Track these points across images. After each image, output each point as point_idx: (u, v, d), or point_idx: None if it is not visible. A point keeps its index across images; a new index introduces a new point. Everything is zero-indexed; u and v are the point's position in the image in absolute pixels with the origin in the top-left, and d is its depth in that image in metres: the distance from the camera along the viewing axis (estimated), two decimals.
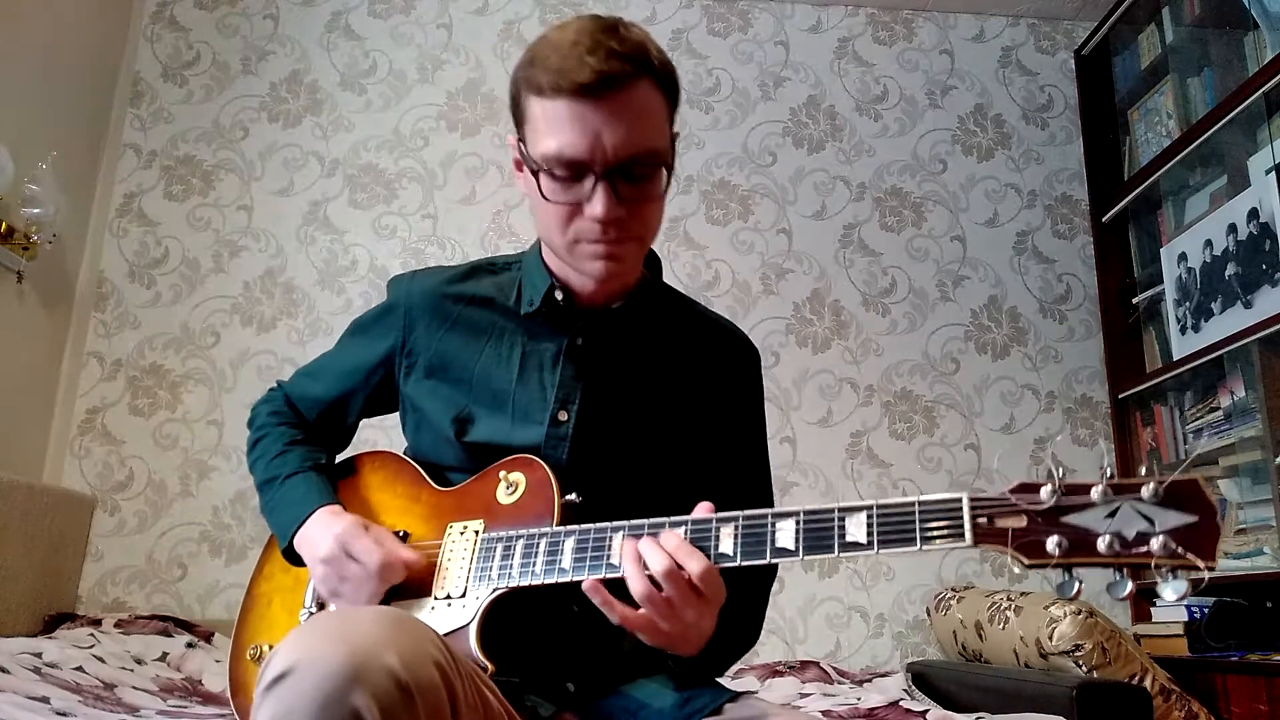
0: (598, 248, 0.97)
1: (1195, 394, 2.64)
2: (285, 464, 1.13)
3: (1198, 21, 2.69)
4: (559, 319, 1.08)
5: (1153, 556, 0.71)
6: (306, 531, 1.05)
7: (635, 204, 0.96)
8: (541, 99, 0.94)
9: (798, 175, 3.11)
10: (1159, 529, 0.71)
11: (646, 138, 0.95)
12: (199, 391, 2.78)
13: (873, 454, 2.88)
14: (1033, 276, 3.08)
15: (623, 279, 1.06)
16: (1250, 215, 2.33)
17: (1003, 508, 0.76)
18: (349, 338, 1.22)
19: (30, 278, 2.53)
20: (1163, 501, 0.72)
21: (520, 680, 0.97)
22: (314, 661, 0.67)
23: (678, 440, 1.08)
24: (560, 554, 0.92)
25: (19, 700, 1.51)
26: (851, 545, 0.80)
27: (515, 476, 1.01)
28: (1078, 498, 0.74)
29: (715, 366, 1.13)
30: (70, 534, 2.54)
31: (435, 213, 2.99)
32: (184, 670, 2.09)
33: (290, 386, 1.24)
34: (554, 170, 0.94)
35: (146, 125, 2.98)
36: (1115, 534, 0.72)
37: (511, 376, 1.07)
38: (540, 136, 0.95)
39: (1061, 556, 0.73)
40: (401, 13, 3.15)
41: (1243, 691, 2.08)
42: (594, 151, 0.92)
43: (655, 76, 0.96)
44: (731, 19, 3.23)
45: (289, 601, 1.11)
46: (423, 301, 1.13)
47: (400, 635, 0.71)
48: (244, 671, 1.08)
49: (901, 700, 2.00)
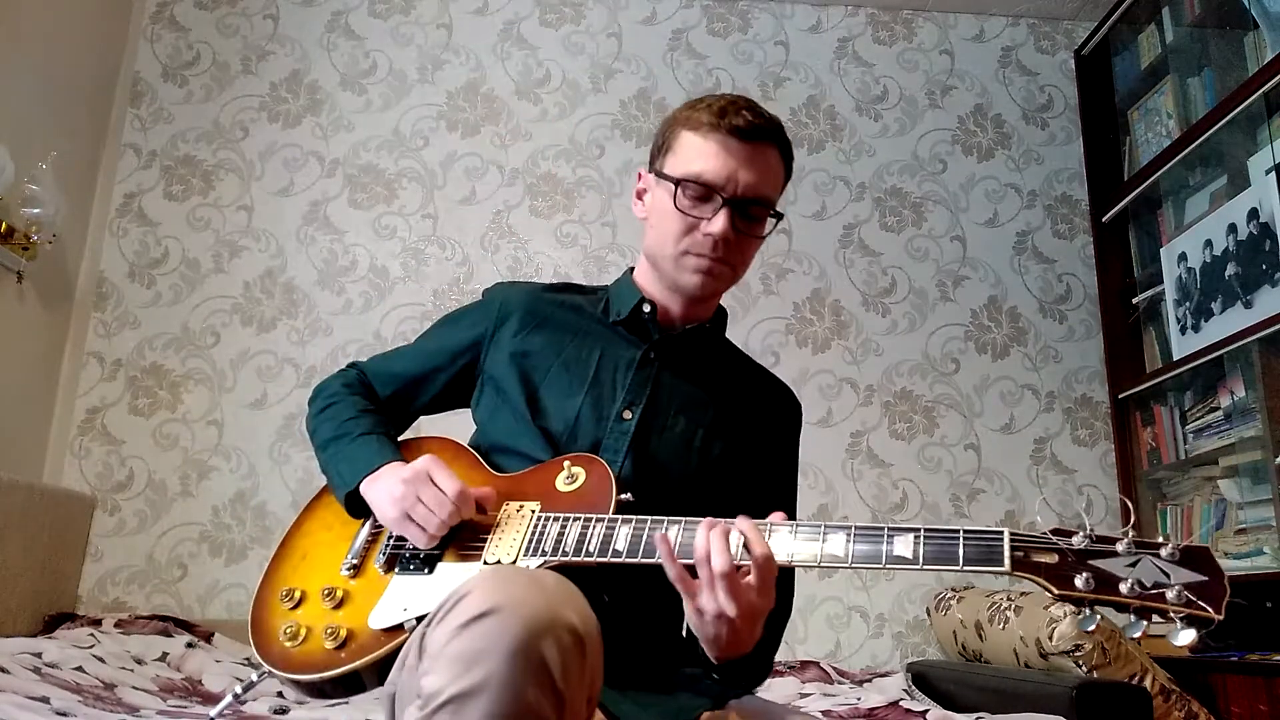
0: (702, 261, 1.13)
1: (1195, 394, 2.64)
2: (359, 424, 1.18)
3: (1198, 21, 2.69)
4: (640, 331, 1.20)
5: (1169, 604, 0.80)
6: (380, 476, 1.09)
7: (743, 236, 1.14)
8: (696, 133, 1.13)
9: (798, 175, 3.08)
10: (1174, 581, 0.81)
11: (768, 187, 1.14)
12: (199, 391, 2.78)
13: (873, 454, 2.88)
14: (1033, 276, 3.08)
15: (709, 296, 1.20)
16: (1250, 215, 2.33)
17: (1039, 545, 0.87)
18: (439, 327, 1.30)
19: (30, 278, 2.53)
20: (1178, 561, 0.82)
21: None
22: (515, 606, 0.73)
23: (723, 459, 1.17)
24: (615, 538, 0.98)
25: (19, 700, 1.51)
26: (898, 559, 0.89)
27: (577, 470, 1.08)
28: (1104, 546, 0.85)
29: (762, 409, 1.24)
30: (70, 534, 2.54)
31: (435, 213, 2.99)
32: (184, 670, 2.09)
33: (368, 364, 1.30)
34: (689, 187, 1.11)
35: (146, 125, 2.98)
36: (1137, 580, 0.82)
37: (588, 374, 1.17)
38: (687, 161, 1.12)
39: (1088, 592, 0.83)
40: (401, 13, 3.15)
41: (1243, 691, 2.08)
42: (728, 182, 1.10)
43: (783, 150, 1.17)
44: (731, 19, 3.23)
45: (328, 554, 1.13)
46: (519, 299, 1.24)
47: (575, 595, 0.79)
48: (268, 612, 1.08)
49: (901, 700, 2.01)
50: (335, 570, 1.10)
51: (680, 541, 0.94)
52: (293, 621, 1.04)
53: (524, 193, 3.02)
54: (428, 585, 1.02)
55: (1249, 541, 2.36)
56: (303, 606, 1.07)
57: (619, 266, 2.86)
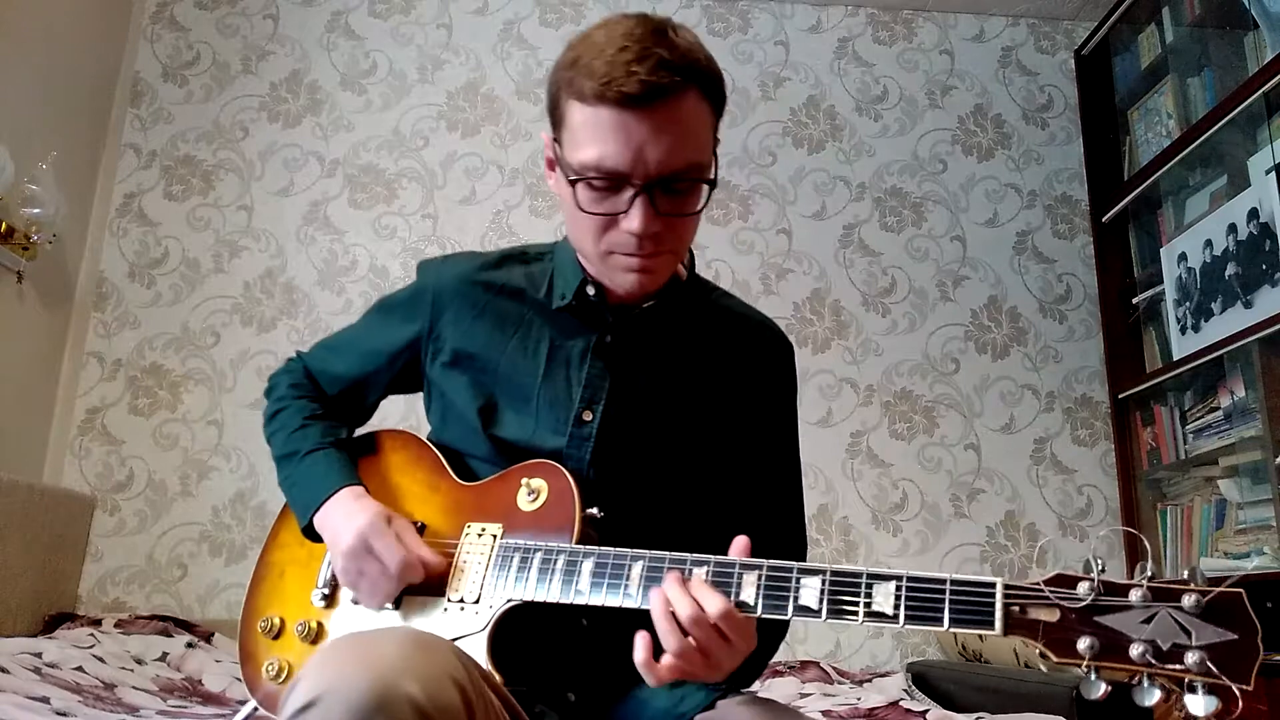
0: (631, 261, 0.95)
1: (1195, 394, 2.64)
2: (305, 439, 1.11)
3: (1198, 21, 2.69)
4: (589, 315, 1.05)
5: (1187, 673, 0.69)
6: (327, 512, 1.04)
7: (672, 218, 0.94)
8: (583, 105, 0.90)
9: (798, 175, 3.11)
10: (1195, 643, 0.69)
11: (690, 151, 0.92)
12: (199, 391, 2.78)
13: (873, 454, 2.88)
14: (1033, 276, 3.08)
15: (649, 290, 1.03)
16: (1250, 215, 2.33)
17: (1037, 599, 0.74)
18: (375, 315, 1.20)
19: (30, 278, 2.53)
20: (1203, 614, 0.69)
21: (526, 689, 0.96)
22: (337, 692, 0.68)
23: (705, 446, 1.06)
24: (578, 574, 0.90)
25: (19, 700, 1.51)
26: (876, 615, 0.78)
27: (538, 483, 0.98)
28: (1115, 598, 0.72)
29: (747, 363, 1.10)
30: (70, 534, 2.54)
31: (435, 213, 2.99)
32: (184, 670, 2.09)
33: (310, 359, 1.22)
34: (591, 180, 0.92)
35: (146, 125, 2.98)
36: (1150, 643, 0.70)
37: (538, 371, 1.05)
38: (579, 144, 0.92)
39: (1091, 659, 0.71)
40: (401, 13, 3.15)
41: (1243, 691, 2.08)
42: (635, 165, 0.90)
43: (703, 86, 0.93)
44: (731, 19, 3.23)
45: (301, 576, 1.09)
46: (453, 286, 1.10)
47: (421, 660, 0.71)
48: (253, 641, 1.07)
49: (901, 700, 2.00)
50: (307, 599, 1.07)
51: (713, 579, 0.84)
52: (275, 658, 1.04)
53: (524, 193, 3.02)
54: (394, 622, 1.00)
55: (1249, 541, 2.36)
56: (282, 639, 1.06)
57: None
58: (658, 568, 0.87)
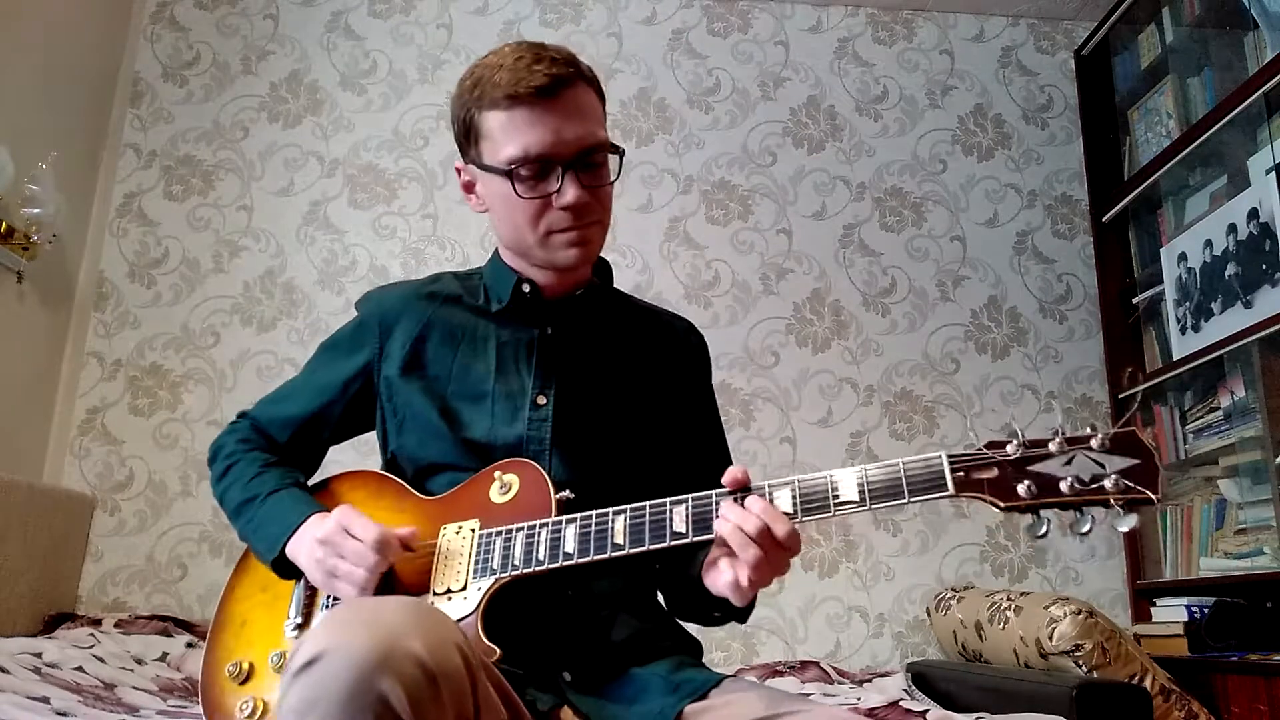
0: (570, 235, 1.07)
1: (1195, 394, 2.64)
2: (264, 483, 1.13)
3: (1198, 21, 2.69)
4: (527, 312, 1.16)
5: (1108, 493, 0.83)
6: (301, 535, 1.04)
7: (596, 190, 1.07)
8: (497, 111, 1.05)
9: (798, 175, 3.11)
10: (1109, 470, 0.84)
11: (596, 130, 1.07)
12: (199, 391, 2.78)
13: (873, 454, 2.88)
14: (1033, 276, 3.08)
15: (587, 262, 1.14)
16: (1250, 215, 2.33)
17: (977, 461, 0.88)
18: (321, 356, 1.24)
19: (30, 278, 2.53)
20: (1109, 449, 0.85)
21: (521, 673, 0.98)
22: (342, 647, 0.69)
23: (646, 418, 1.17)
24: (563, 540, 0.96)
25: (19, 700, 1.51)
26: (845, 503, 0.91)
27: (509, 477, 1.04)
28: (1039, 449, 0.86)
29: (668, 352, 1.24)
30: (70, 534, 2.54)
31: (435, 213, 2.99)
32: (184, 670, 2.09)
33: (258, 413, 1.24)
34: (521, 170, 1.04)
35: (146, 125, 2.98)
36: (1075, 477, 0.84)
37: (489, 370, 1.13)
38: (502, 145, 1.05)
39: (1032, 499, 0.85)
40: (401, 13, 3.15)
41: (1243, 691, 2.08)
42: (557, 147, 1.03)
43: (588, 81, 1.09)
44: (731, 19, 3.23)
45: (268, 616, 1.09)
46: (397, 306, 1.19)
47: (425, 622, 0.74)
48: (220, 690, 1.05)
49: (901, 700, 2.00)
50: (279, 633, 1.06)
51: (692, 516, 0.93)
52: (247, 698, 1.02)
53: None
54: None
55: (1249, 541, 2.36)
56: (253, 679, 1.04)
57: (617, 266, 2.85)
58: (639, 517, 0.95)
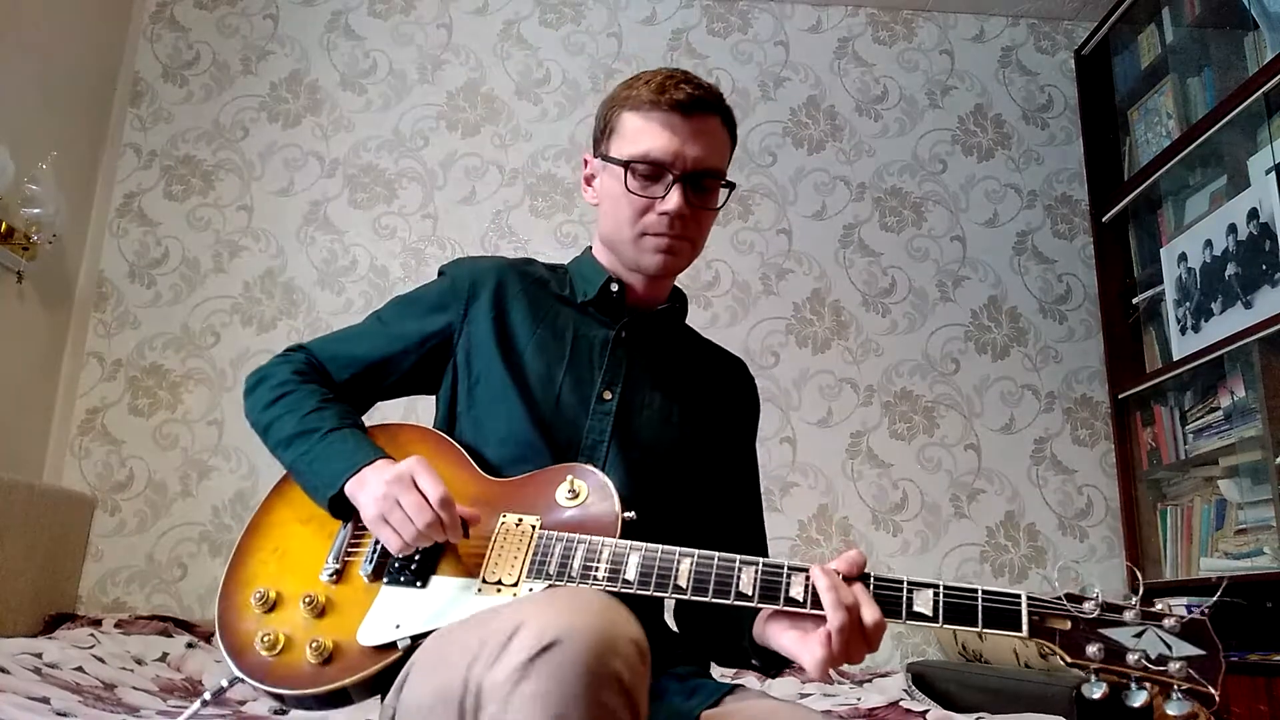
0: (661, 240, 1.12)
1: (1195, 394, 2.64)
2: (324, 419, 1.09)
3: (1198, 21, 2.69)
4: (609, 310, 1.20)
5: (1172, 678, 0.85)
6: (365, 476, 1.02)
7: (698, 210, 1.13)
8: (638, 113, 1.13)
9: (798, 175, 3.11)
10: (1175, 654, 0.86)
11: (717, 158, 1.14)
12: (199, 391, 2.78)
13: (873, 454, 2.88)
14: (1033, 276, 3.08)
15: (670, 274, 1.19)
16: (1250, 215, 2.33)
17: (1054, 611, 0.89)
18: (397, 307, 1.22)
19: (30, 278, 2.53)
20: (1179, 633, 0.87)
21: None
22: (578, 632, 0.72)
23: (696, 437, 1.19)
24: (625, 567, 0.95)
25: (19, 700, 1.51)
26: (918, 615, 0.92)
27: (579, 484, 1.03)
28: (1113, 614, 0.89)
29: (727, 391, 1.27)
30: (70, 534, 2.54)
31: (435, 213, 2.99)
32: (184, 670, 2.09)
33: (318, 348, 1.21)
34: (638, 168, 1.11)
35: (146, 125, 2.98)
36: (1143, 652, 0.86)
37: (564, 355, 1.16)
38: (630, 142, 1.12)
39: (1099, 662, 0.87)
40: (401, 13, 3.15)
41: (1243, 691, 2.08)
42: (676, 157, 1.10)
43: (726, 119, 1.17)
44: (731, 19, 3.23)
45: (305, 552, 1.06)
46: (487, 274, 1.21)
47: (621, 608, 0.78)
48: (238, 612, 1.02)
49: (901, 700, 2.01)
50: (315, 575, 1.03)
51: (761, 581, 0.93)
52: (270, 629, 0.99)
53: (524, 193, 3.02)
54: (421, 601, 0.98)
55: (1249, 541, 2.36)
56: (278, 612, 1.01)
57: None
58: (707, 567, 0.94)
